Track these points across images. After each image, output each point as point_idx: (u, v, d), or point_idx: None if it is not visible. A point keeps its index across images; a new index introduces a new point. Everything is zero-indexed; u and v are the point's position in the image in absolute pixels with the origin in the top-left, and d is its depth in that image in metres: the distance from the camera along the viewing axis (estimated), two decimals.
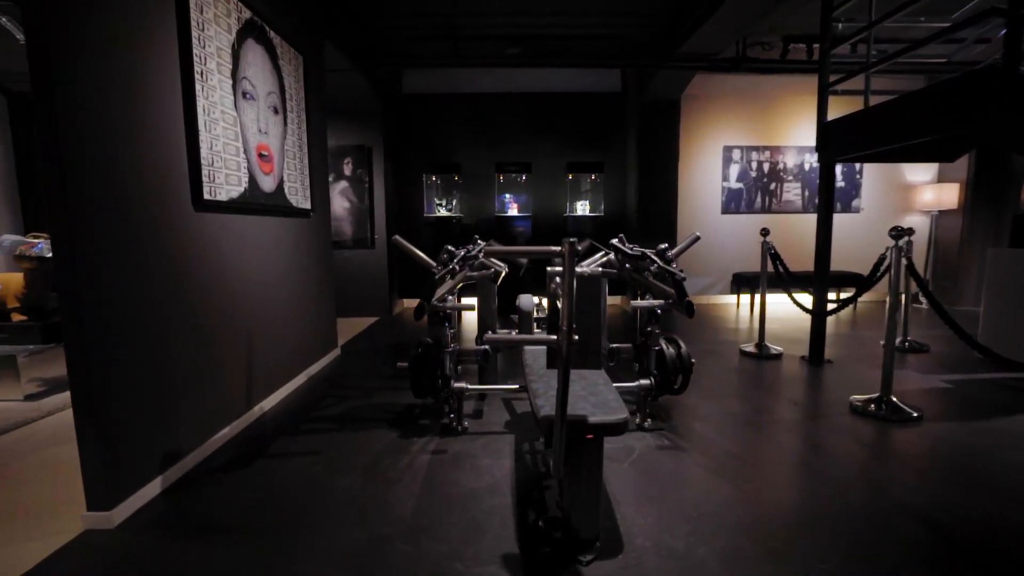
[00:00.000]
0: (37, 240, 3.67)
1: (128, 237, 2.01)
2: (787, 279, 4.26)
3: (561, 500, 1.85)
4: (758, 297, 4.99)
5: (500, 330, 3.73)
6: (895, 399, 2.95)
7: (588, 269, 1.60)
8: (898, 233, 2.89)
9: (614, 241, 2.96)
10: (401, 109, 6.76)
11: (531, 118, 6.84)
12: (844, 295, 6.60)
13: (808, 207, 6.98)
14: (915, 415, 2.85)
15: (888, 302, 2.97)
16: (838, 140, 3.71)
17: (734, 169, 6.89)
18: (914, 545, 1.72)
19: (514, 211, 6.83)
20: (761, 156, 6.88)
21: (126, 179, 2.00)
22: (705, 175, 6.92)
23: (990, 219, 6.29)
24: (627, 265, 2.94)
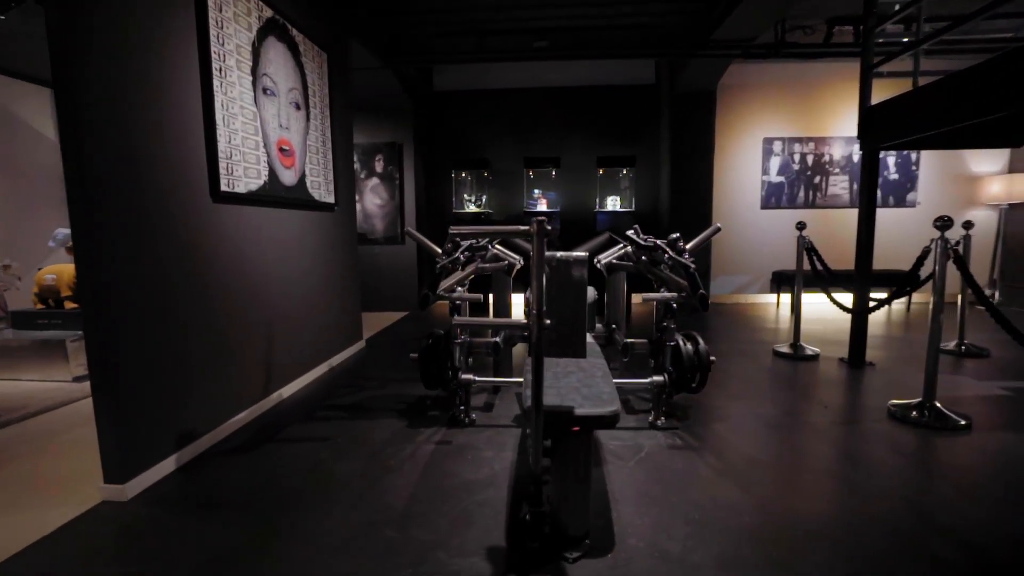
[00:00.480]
0: None
1: (146, 226, 2.10)
2: (826, 276, 4.00)
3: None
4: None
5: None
6: (939, 405, 2.70)
7: (576, 255, 1.53)
8: (943, 224, 2.64)
9: (629, 233, 2.86)
10: (431, 106, 6.83)
11: (560, 112, 6.75)
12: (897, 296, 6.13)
13: (856, 201, 6.53)
14: (962, 423, 2.61)
15: (932, 300, 2.72)
16: (883, 125, 3.44)
17: (775, 162, 6.55)
18: (942, 565, 1.55)
19: (543, 207, 6.77)
20: (804, 148, 6.50)
21: (144, 171, 2.10)
22: (743, 169, 6.62)
23: None
24: (643, 257, 2.84)
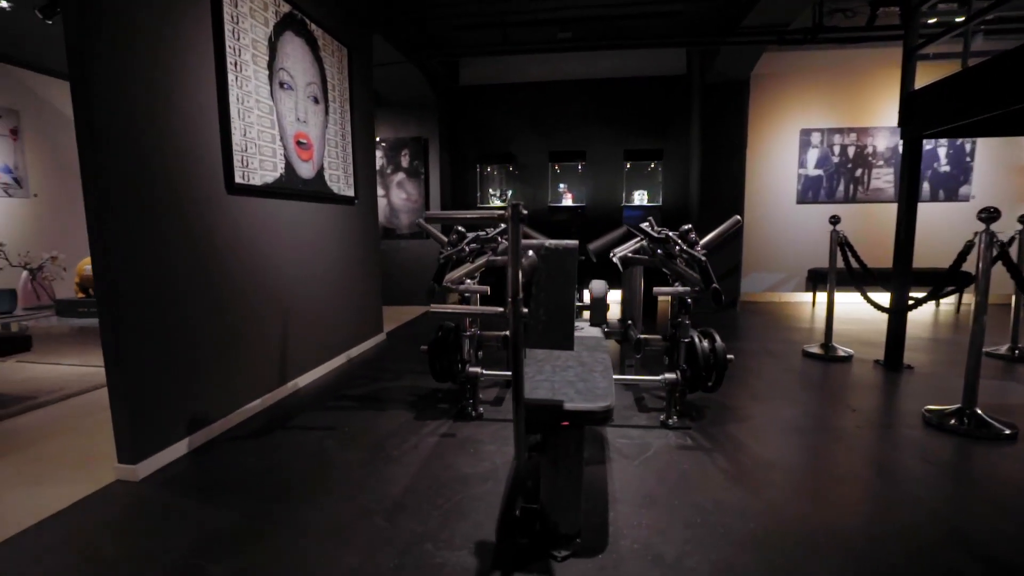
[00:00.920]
0: None
1: (160, 215, 2.17)
2: (862, 273, 3.77)
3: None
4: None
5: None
6: (980, 412, 2.50)
7: (566, 243, 1.48)
8: (989, 216, 2.43)
9: (643, 225, 2.78)
10: (457, 101, 6.83)
11: (586, 106, 6.62)
12: (937, 295, 5.73)
13: None
14: (1007, 432, 2.40)
15: (975, 299, 2.52)
16: (926, 110, 3.20)
17: (812, 154, 6.24)
18: None
19: (568, 201, 6.68)
20: (845, 139, 6.16)
21: (159, 162, 2.16)
22: (778, 161, 6.33)
23: None
24: (658, 251, 2.74)
